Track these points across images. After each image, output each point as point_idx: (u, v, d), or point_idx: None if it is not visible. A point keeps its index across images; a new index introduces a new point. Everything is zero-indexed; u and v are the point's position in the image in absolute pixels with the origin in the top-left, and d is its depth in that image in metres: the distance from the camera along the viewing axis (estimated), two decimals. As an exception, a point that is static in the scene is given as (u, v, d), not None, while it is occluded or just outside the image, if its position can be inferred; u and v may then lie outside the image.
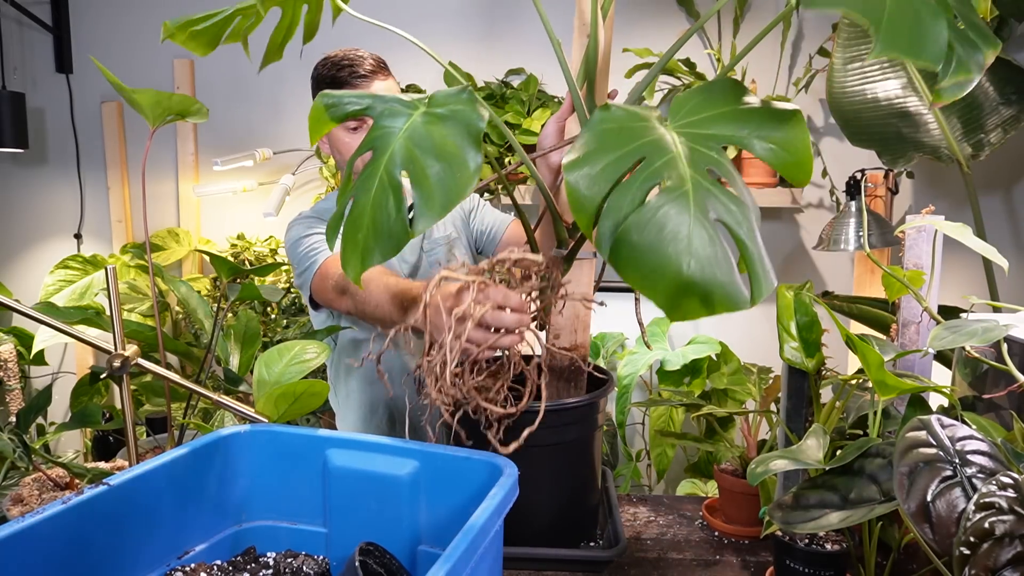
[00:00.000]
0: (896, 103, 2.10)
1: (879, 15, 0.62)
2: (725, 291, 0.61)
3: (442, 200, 0.72)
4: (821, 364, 1.07)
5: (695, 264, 0.61)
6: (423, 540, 0.81)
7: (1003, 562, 0.60)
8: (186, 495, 0.80)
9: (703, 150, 0.68)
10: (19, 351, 2.58)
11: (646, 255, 0.62)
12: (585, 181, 0.66)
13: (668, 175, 0.65)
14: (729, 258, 0.62)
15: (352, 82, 1.40)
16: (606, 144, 0.68)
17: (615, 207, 0.65)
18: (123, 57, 2.77)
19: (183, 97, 1.02)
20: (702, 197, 0.64)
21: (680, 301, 0.61)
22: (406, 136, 0.77)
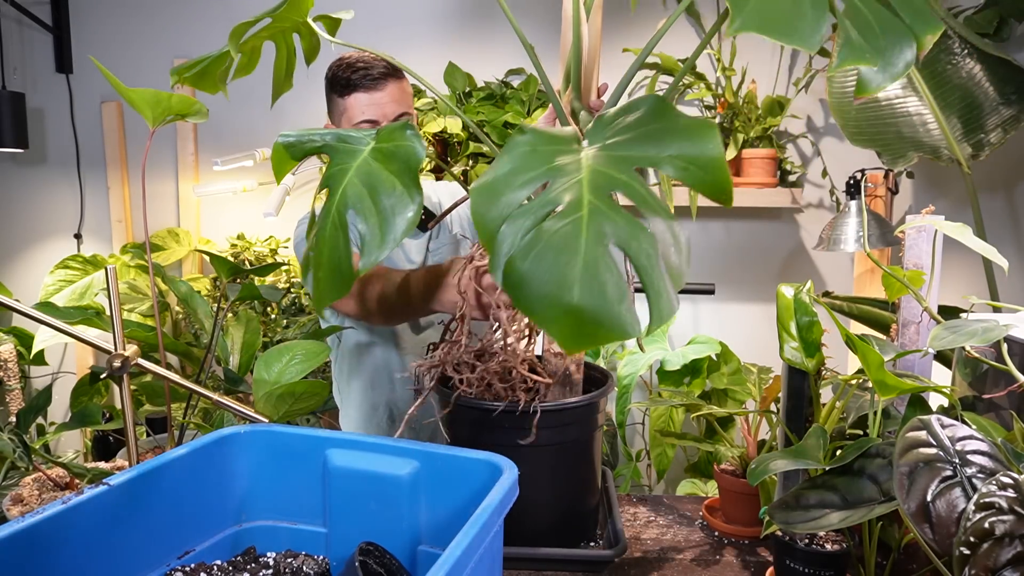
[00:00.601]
0: (896, 103, 2.10)
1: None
2: (613, 321, 0.58)
3: (385, 238, 0.76)
4: (821, 364, 1.07)
5: (581, 293, 0.59)
6: (423, 540, 0.81)
7: (1003, 562, 0.60)
8: (186, 495, 0.80)
9: (612, 173, 0.65)
10: (19, 351, 2.58)
11: (535, 283, 0.60)
12: (488, 204, 0.65)
13: (566, 200, 0.63)
14: (621, 286, 0.59)
15: (364, 85, 1.41)
16: (515, 167, 0.67)
17: (510, 232, 0.63)
18: (123, 57, 2.77)
19: (183, 97, 1.01)
20: (598, 222, 0.61)
21: (569, 330, 0.59)
22: (355, 174, 0.81)
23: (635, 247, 0.61)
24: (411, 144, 0.80)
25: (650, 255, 0.61)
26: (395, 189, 0.78)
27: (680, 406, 1.98)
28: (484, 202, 0.65)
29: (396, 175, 0.79)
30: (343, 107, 1.45)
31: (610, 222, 0.62)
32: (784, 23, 0.62)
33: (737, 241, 2.65)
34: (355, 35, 2.69)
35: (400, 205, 0.77)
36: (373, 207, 0.78)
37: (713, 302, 2.65)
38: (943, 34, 2.04)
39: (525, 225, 0.63)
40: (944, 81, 2.06)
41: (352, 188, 0.80)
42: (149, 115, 1.01)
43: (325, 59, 1.39)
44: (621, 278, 0.60)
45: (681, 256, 0.64)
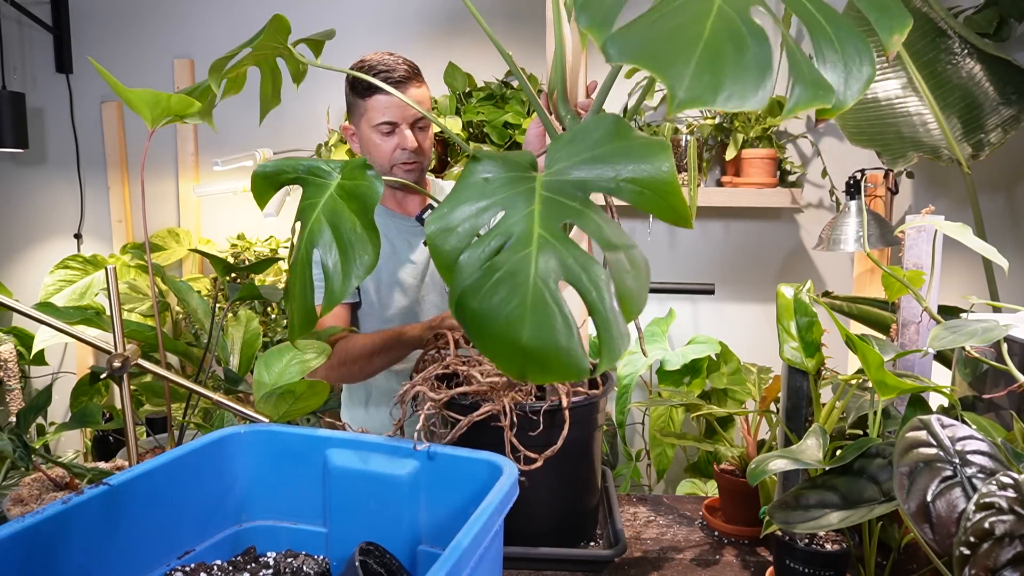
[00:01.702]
0: (896, 103, 2.10)
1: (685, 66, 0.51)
2: (563, 360, 0.59)
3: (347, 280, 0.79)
4: (821, 364, 1.07)
5: (530, 332, 0.59)
6: (423, 540, 0.81)
7: (1003, 562, 0.60)
8: (186, 495, 0.80)
9: (565, 201, 0.65)
10: (19, 351, 2.58)
11: (485, 321, 0.61)
12: (443, 236, 0.65)
13: (517, 232, 0.63)
14: (570, 324, 0.59)
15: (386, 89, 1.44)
16: (469, 197, 0.66)
17: (465, 267, 0.63)
18: (123, 57, 2.77)
19: (181, 97, 1.01)
20: (547, 258, 0.61)
21: (519, 368, 0.60)
22: (322, 211, 0.83)
23: (584, 282, 0.61)
24: (370, 184, 0.82)
25: (600, 289, 0.60)
26: (355, 229, 0.80)
27: (680, 406, 1.98)
28: (440, 234, 0.65)
29: (357, 214, 0.81)
30: (363, 108, 1.47)
31: (559, 257, 0.61)
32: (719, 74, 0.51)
33: (737, 241, 2.65)
34: (356, 35, 2.69)
35: (360, 246, 0.79)
36: (336, 246, 0.81)
37: (713, 302, 2.65)
38: (943, 34, 2.04)
39: (479, 259, 0.63)
40: (944, 81, 2.06)
41: (317, 225, 0.82)
42: (148, 115, 1.01)
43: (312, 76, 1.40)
44: (568, 317, 0.59)
45: (639, 280, 0.63)
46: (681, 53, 0.49)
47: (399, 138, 1.48)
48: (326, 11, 2.70)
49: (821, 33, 0.56)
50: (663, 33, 0.50)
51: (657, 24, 0.51)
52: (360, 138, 1.52)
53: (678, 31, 0.50)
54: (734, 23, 0.51)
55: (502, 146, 2.37)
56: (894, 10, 0.59)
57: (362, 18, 2.70)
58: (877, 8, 0.59)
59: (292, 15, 2.74)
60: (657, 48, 0.50)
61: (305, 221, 0.85)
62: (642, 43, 0.50)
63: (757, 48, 0.51)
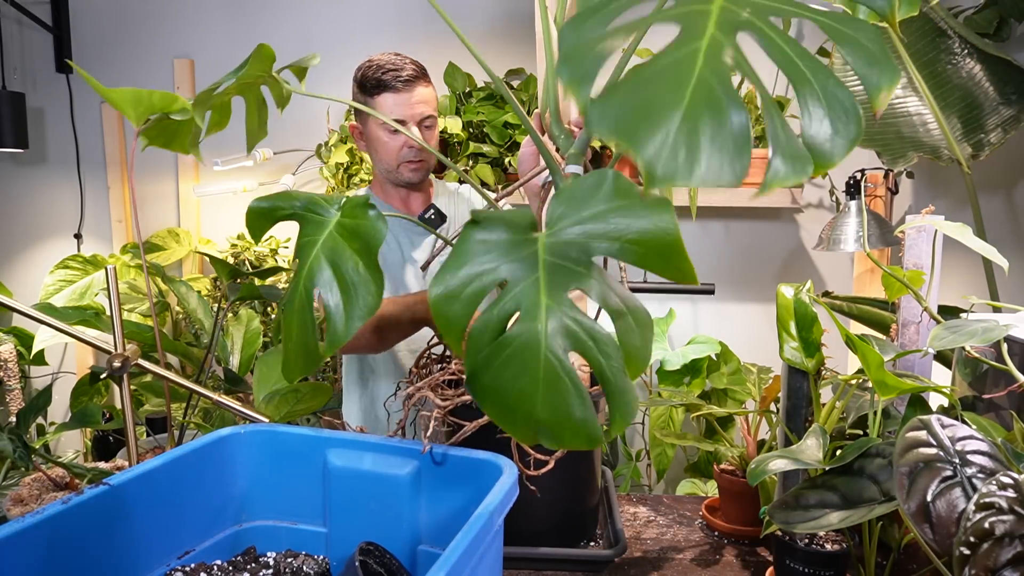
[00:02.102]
0: (896, 103, 2.10)
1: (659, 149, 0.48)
2: (578, 431, 0.60)
3: (350, 321, 0.79)
4: (821, 364, 1.07)
5: (544, 406, 0.60)
6: (423, 540, 0.81)
7: (1003, 562, 0.60)
8: (186, 495, 0.80)
9: (569, 267, 0.64)
10: (19, 351, 2.58)
11: (499, 395, 0.61)
12: (446, 303, 0.64)
13: (524, 304, 0.63)
14: (583, 395, 0.60)
15: (394, 86, 1.45)
16: (471, 263, 0.65)
17: (476, 340, 0.63)
18: (123, 57, 2.77)
19: (164, 94, 1.02)
20: (556, 330, 0.61)
21: (533, 438, 0.61)
22: (321, 249, 0.83)
23: (593, 352, 0.61)
24: (373, 224, 0.81)
25: (609, 357, 0.61)
26: (358, 270, 0.80)
27: (680, 406, 1.98)
28: (443, 300, 0.64)
29: (359, 254, 0.81)
30: (372, 106, 1.48)
31: (567, 328, 0.62)
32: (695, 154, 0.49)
33: (737, 241, 2.65)
34: (357, 35, 2.69)
35: (363, 287, 0.79)
36: (337, 286, 0.80)
37: (713, 302, 2.65)
38: (943, 34, 2.04)
39: (489, 333, 0.63)
40: (944, 81, 2.06)
41: (317, 264, 0.82)
42: (132, 114, 1.02)
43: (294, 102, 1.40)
44: (580, 387, 0.60)
45: (643, 338, 0.63)
46: (658, 130, 0.47)
47: (407, 137, 1.49)
48: (327, 12, 2.70)
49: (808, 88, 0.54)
50: (641, 104, 0.49)
51: (637, 92, 0.50)
52: (367, 136, 1.53)
53: (657, 103, 0.49)
54: (713, 94, 0.49)
55: (502, 146, 2.37)
56: (883, 63, 0.54)
57: (363, 18, 2.70)
58: (865, 61, 0.55)
59: (293, 16, 2.74)
60: (635, 122, 0.48)
61: (304, 259, 0.85)
62: (620, 115, 0.49)
63: (736, 122, 0.49)
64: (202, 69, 2.73)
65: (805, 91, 0.53)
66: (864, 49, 0.55)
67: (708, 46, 0.51)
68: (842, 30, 0.56)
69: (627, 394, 0.61)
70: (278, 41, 3.00)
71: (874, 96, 0.53)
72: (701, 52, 0.51)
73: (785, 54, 0.55)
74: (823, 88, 0.54)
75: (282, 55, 1.06)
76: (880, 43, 0.55)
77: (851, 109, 0.53)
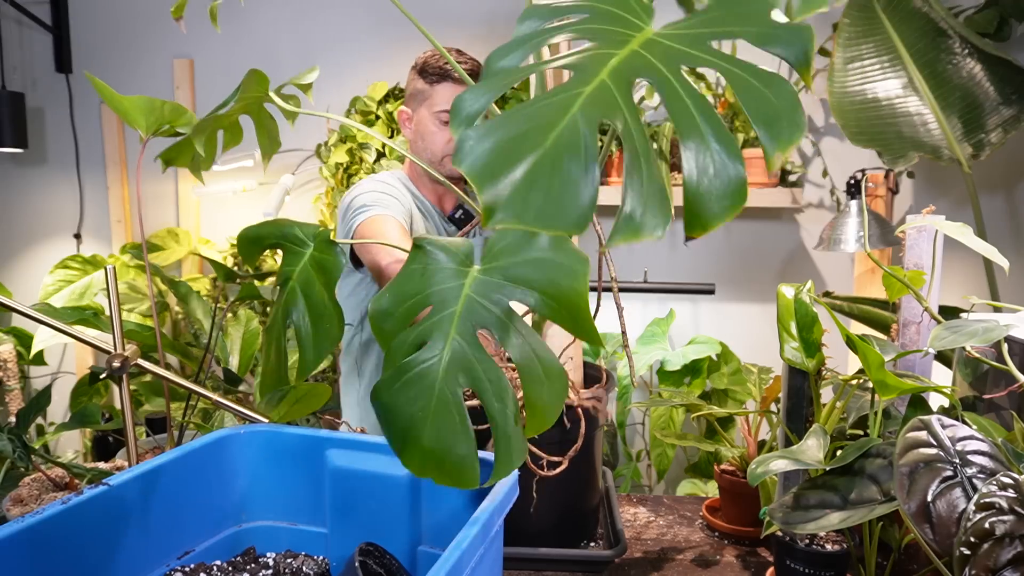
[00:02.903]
0: (896, 103, 2.10)
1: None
2: (454, 468, 0.62)
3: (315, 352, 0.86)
4: (821, 364, 1.07)
5: (430, 435, 0.62)
6: (423, 540, 0.81)
7: (1003, 562, 0.60)
8: (186, 495, 0.79)
9: (486, 305, 0.65)
10: (19, 351, 2.58)
11: (393, 416, 0.63)
12: (381, 318, 0.68)
13: (434, 333, 0.65)
14: (469, 433, 0.62)
15: (455, 77, 1.50)
16: (406, 285, 0.68)
17: (391, 357, 0.66)
18: (123, 57, 2.77)
19: (175, 105, 1.03)
20: (456, 365, 0.63)
21: (417, 465, 0.63)
22: (296, 280, 0.89)
23: (488, 393, 0.63)
24: (334, 258, 0.87)
25: (503, 402, 0.63)
26: (323, 301, 0.86)
27: (680, 406, 1.98)
28: (377, 316, 0.68)
29: (324, 287, 0.86)
30: (429, 94, 1.51)
31: (466, 365, 0.63)
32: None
33: (737, 241, 2.65)
34: (357, 35, 2.69)
35: (327, 319, 0.85)
36: (308, 316, 0.87)
37: (713, 302, 2.65)
38: (943, 34, 2.04)
39: (399, 354, 0.65)
40: (944, 81, 2.06)
41: (293, 295, 0.88)
42: (143, 124, 1.02)
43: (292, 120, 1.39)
44: (467, 425, 0.62)
45: (554, 392, 0.64)
46: (510, 171, 0.46)
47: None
48: (326, 12, 2.70)
49: (695, 138, 0.51)
50: (504, 142, 0.48)
51: (507, 126, 0.49)
52: (417, 124, 1.55)
53: (518, 143, 0.47)
54: (576, 140, 0.48)
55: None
56: (785, 121, 0.50)
57: (362, 18, 2.70)
58: (767, 116, 0.50)
59: (292, 16, 2.74)
60: (486, 159, 0.47)
61: (283, 287, 0.90)
62: (476, 149, 0.47)
63: (589, 175, 0.47)
64: (202, 69, 2.73)
65: (692, 143, 0.51)
66: (769, 104, 0.51)
67: (592, 92, 0.51)
68: (750, 82, 0.52)
69: (513, 441, 0.63)
70: (277, 41, 3.00)
71: (769, 153, 0.49)
72: (581, 97, 0.50)
73: (681, 103, 0.52)
74: (708, 147, 0.51)
75: (281, 55, 1.06)
76: (791, 102, 0.51)
77: (734, 175, 0.50)
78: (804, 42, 0.53)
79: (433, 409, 0.62)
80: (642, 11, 0.62)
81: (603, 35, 0.59)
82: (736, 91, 0.52)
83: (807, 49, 0.53)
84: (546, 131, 0.48)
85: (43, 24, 2.71)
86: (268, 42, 2.68)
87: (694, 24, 0.59)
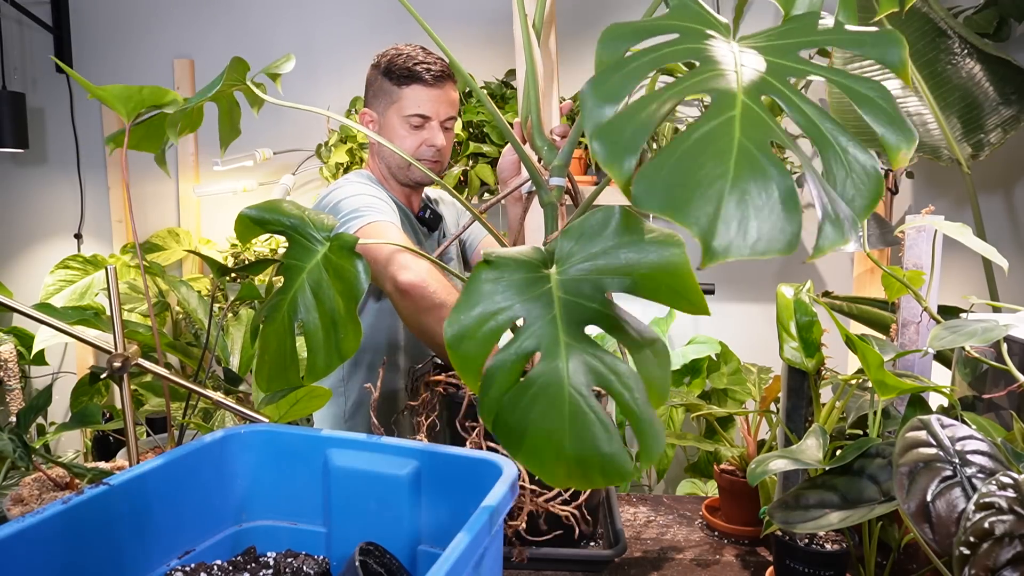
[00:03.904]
0: (896, 103, 2.09)
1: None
2: (606, 465, 0.60)
3: (328, 360, 0.83)
4: (821, 364, 1.07)
5: (572, 443, 0.59)
6: (423, 540, 0.81)
7: (1003, 562, 0.60)
8: (186, 495, 0.80)
9: (584, 303, 0.64)
10: (19, 351, 2.58)
11: (524, 436, 0.61)
12: (461, 342, 0.63)
13: (543, 342, 0.62)
14: (609, 429, 0.60)
15: (425, 79, 1.42)
16: (484, 307, 0.65)
17: (494, 380, 0.62)
18: (123, 57, 2.77)
19: (154, 88, 1.02)
20: (577, 366, 0.61)
21: (564, 478, 0.61)
22: (307, 278, 0.85)
23: (616, 386, 0.61)
24: (357, 274, 0.82)
25: (631, 390, 0.61)
26: (339, 310, 0.82)
27: (680, 406, 1.98)
28: (457, 340, 0.63)
29: (341, 296, 0.82)
30: (397, 96, 1.44)
31: (588, 363, 0.62)
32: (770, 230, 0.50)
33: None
34: (357, 35, 2.69)
35: (343, 327, 0.82)
36: (320, 321, 0.83)
37: (713, 302, 2.65)
38: (943, 34, 2.04)
39: (507, 372, 0.62)
40: (944, 81, 2.06)
41: (302, 293, 0.84)
42: (123, 110, 1.02)
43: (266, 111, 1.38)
44: (606, 422, 0.60)
45: (663, 369, 0.64)
46: (708, 202, 0.48)
47: (428, 133, 1.45)
48: (326, 12, 2.70)
49: (831, 151, 0.55)
50: (686, 177, 0.48)
51: (680, 165, 0.49)
52: (384, 127, 1.48)
53: (702, 175, 0.48)
54: (756, 161, 0.49)
55: (502, 146, 2.37)
56: (899, 124, 0.55)
57: (362, 19, 2.70)
58: (883, 121, 0.56)
59: (292, 16, 2.74)
60: (683, 197, 0.48)
61: (289, 281, 0.85)
62: (667, 190, 0.48)
63: (782, 186, 0.49)
64: (202, 69, 2.73)
65: (828, 154, 0.55)
66: (881, 110, 0.56)
67: (742, 113, 0.52)
68: (858, 91, 0.56)
69: (653, 425, 0.61)
70: (277, 41, 3.00)
71: (893, 156, 0.54)
72: (736, 120, 0.51)
73: (807, 117, 0.55)
74: (844, 152, 0.55)
75: (281, 55, 1.06)
76: (892, 102, 0.56)
77: (871, 173, 0.54)
78: (898, 47, 0.59)
79: (568, 416, 0.60)
80: (722, 26, 0.63)
81: (703, 55, 0.59)
82: (852, 99, 0.56)
83: (901, 55, 0.59)
84: (723, 159, 0.49)
85: (43, 24, 2.71)
86: (268, 42, 2.68)
87: (776, 36, 0.61)
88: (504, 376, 0.62)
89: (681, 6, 0.65)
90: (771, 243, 0.48)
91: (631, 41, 0.61)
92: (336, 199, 1.40)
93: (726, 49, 0.60)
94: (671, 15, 0.64)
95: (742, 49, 0.60)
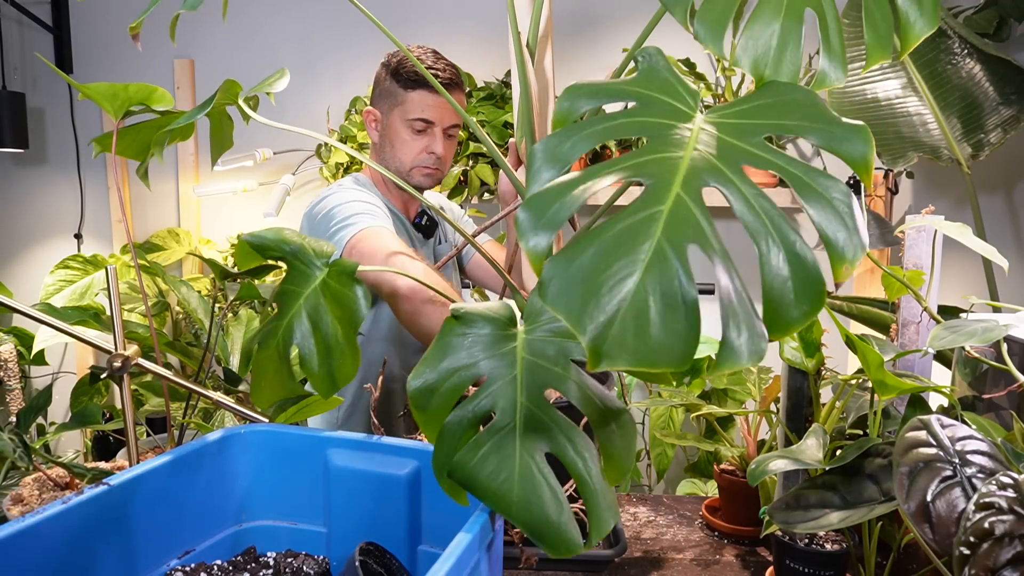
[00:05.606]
0: (896, 103, 2.10)
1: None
2: (553, 534, 0.59)
3: (327, 388, 0.82)
4: (821, 364, 1.07)
5: (519, 506, 0.59)
6: (423, 540, 0.81)
7: (1003, 562, 0.60)
8: (186, 495, 0.80)
9: (547, 366, 0.63)
10: (19, 351, 2.58)
11: (479, 489, 0.61)
12: (425, 397, 0.64)
13: (500, 403, 0.62)
14: (559, 498, 0.59)
15: (431, 86, 1.38)
16: (449, 357, 0.65)
17: (450, 435, 0.63)
18: (123, 57, 2.77)
19: (140, 86, 1.02)
20: (531, 431, 0.61)
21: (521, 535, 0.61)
22: (304, 305, 0.83)
23: (570, 454, 0.61)
24: (356, 300, 0.81)
25: (586, 460, 0.61)
26: (337, 337, 0.81)
27: (680, 406, 1.98)
28: (421, 394, 0.64)
29: (340, 322, 0.81)
30: (403, 99, 1.43)
31: (545, 429, 0.61)
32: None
33: (738, 241, 2.65)
34: (357, 34, 2.69)
35: (339, 355, 0.80)
36: (317, 348, 0.82)
37: (713, 302, 2.64)
38: (943, 34, 2.04)
39: (462, 429, 0.63)
40: (944, 81, 2.06)
41: (298, 319, 0.83)
42: (110, 108, 1.02)
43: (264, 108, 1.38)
44: (556, 489, 0.60)
45: (627, 441, 0.63)
46: (601, 312, 0.46)
47: (429, 140, 1.44)
48: (326, 12, 2.70)
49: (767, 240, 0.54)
50: (593, 276, 0.47)
51: (591, 262, 0.47)
52: (387, 129, 1.47)
53: (607, 275, 0.47)
54: (668, 268, 0.48)
55: (502, 146, 2.37)
56: (851, 230, 0.51)
57: (362, 18, 2.70)
58: (835, 224, 0.52)
59: (292, 16, 2.74)
60: (582, 299, 0.46)
61: (285, 308, 0.85)
62: (568, 288, 0.47)
63: (688, 299, 0.49)
64: (202, 69, 2.73)
65: (764, 244, 0.53)
66: (835, 212, 0.51)
67: (671, 209, 0.50)
68: (813, 187, 0.52)
69: (606, 496, 0.60)
70: (277, 41, 3.00)
71: (837, 266, 0.50)
72: (663, 217, 0.50)
73: (751, 207, 0.54)
74: (787, 247, 0.54)
75: (281, 55, 1.06)
76: (851, 205, 0.52)
77: (812, 271, 0.52)
78: (864, 143, 0.54)
79: (518, 480, 0.60)
80: (689, 96, 0.60)
81: (656, 130, 0.57)
82: (799, 195, 0.52)
83: (866, 153, 0.54)
84: (633, 264, 0.47)
85: (43, 24, 2.71)
86: (268, 42, 2.68)
87: (744, 114, 0.58)
88: (458, 433, 0.63)
89: (650, 71, 0.62)
90: (664, 356, 0.47)
91: (590, 102, 0.60)
92: (328, 206, 1.39)
93: (683, 128, 0.57)
94: (637, 80, 0.62)
95: (703, 126, 0.57)
